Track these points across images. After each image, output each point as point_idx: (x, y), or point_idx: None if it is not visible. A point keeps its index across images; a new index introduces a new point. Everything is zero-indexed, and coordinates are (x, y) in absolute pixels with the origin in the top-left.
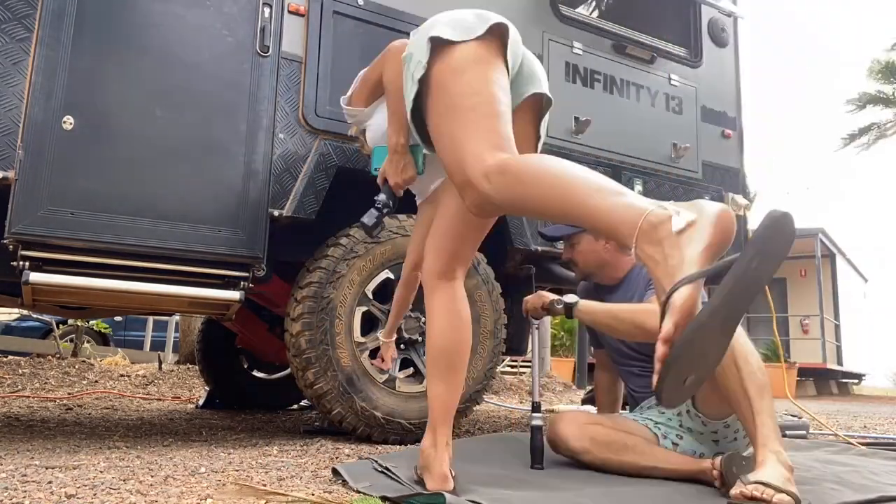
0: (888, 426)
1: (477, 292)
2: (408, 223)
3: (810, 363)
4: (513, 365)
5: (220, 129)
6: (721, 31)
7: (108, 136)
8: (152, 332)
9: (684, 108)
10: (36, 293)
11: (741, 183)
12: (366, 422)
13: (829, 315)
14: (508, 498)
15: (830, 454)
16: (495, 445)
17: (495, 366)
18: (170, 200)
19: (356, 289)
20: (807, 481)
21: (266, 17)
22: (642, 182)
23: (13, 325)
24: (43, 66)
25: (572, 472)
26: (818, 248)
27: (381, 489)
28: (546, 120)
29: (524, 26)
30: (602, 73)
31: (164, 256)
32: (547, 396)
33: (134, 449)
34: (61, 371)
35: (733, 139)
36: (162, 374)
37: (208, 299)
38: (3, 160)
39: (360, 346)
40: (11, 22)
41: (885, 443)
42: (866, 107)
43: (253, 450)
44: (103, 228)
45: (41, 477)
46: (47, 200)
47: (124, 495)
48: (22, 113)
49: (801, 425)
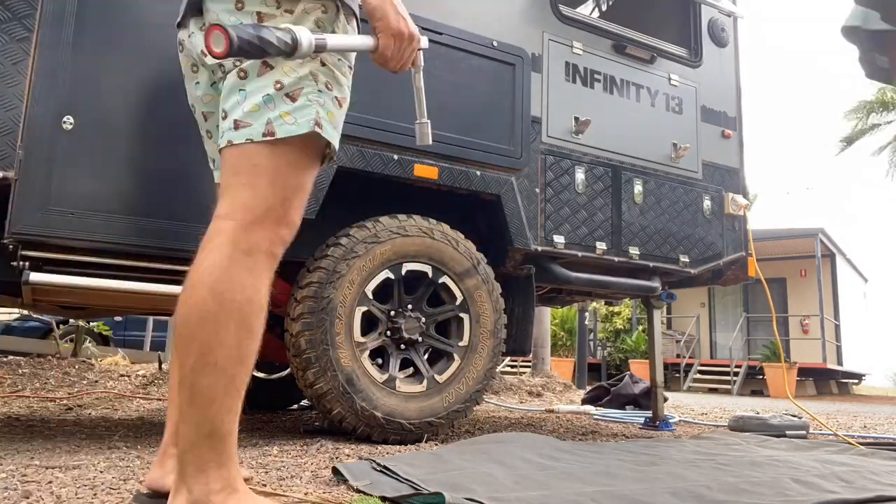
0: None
1: (477, 292)
2: (408, 223)
3: (810, 363)
4: (513, 365)
5: None
6: (721, 31)
7: (108, 136)
8: (152, 332)
9: (684, 108)
10: (36, 293)
11: (741, 183)
12: (366, 422)
13: (829, 315)
14: (508, 498)
15: (830, 454)
16: (495, 445)
17: (495, 366)
18: (169, 200)
19: (356, 289)
20: (807, 481)
21: None
22: (642, 182)
23: (13, 325)
24: (43, 66)
25: (572, 471)
26: (818, 248)
27: (380, 489)
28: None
29: (524, 26)
30: (602, 73)
31: (164, 256)
32: (547, 396)
33: (134, 449)
34: (61, 371)
35: (733, 139)
36: (162, 374)
37: None
38: (3, 160)
39: (360, 346)
40: (11, 22)
41: (885, 443)
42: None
43: (253, 450)
44: (103, 228)
45: (41, 477)
46: (47, 200)
47: (124, 495)
48: (22, 113)
49: (801, 425)
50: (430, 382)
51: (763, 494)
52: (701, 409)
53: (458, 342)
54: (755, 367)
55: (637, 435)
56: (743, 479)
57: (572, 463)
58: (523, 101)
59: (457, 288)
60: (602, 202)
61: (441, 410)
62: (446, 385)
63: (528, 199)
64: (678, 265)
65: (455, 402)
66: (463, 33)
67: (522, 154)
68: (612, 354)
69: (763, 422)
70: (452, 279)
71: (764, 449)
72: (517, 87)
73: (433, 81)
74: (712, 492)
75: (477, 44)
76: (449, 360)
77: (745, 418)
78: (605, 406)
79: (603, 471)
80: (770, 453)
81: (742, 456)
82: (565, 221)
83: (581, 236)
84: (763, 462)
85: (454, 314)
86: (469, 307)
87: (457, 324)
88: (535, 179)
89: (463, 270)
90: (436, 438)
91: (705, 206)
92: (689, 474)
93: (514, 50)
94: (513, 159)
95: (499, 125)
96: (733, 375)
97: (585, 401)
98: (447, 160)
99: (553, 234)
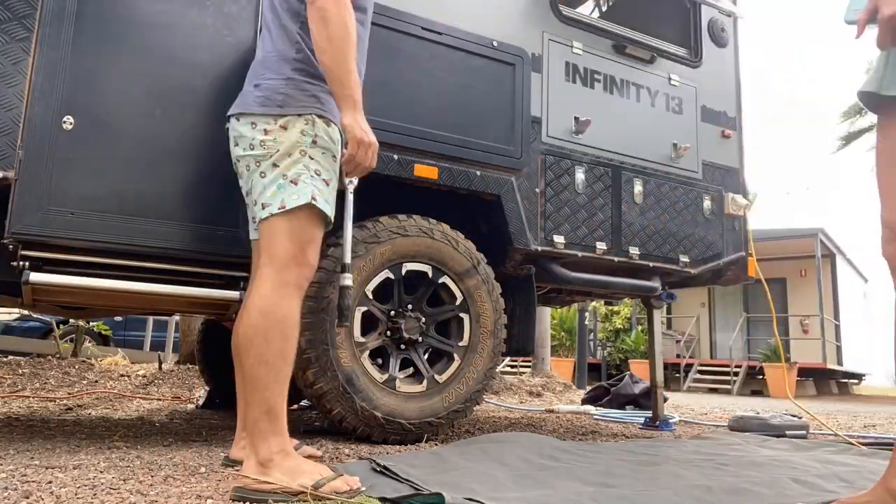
0: (888, 426)
1: (477, 292)
2: (408, 223)
3: (810, 363)
4: (513, 365)
5: (221, 128)
6: (721, 31)
7: (108, 136)
8: (152, 332)
9: (684, 108)
10: (36, 293)
11: (741, 183)
12: (366, 422)
13: (829, 315)
14: (508, 498)
15: (830, 454)
16: (495, 445)
17: (495, 366)
18: (170, 200)
19: (356, 289)
20: (807, 481)
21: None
22: (642, 182)
23: (13, 325)
24: (43, 66)
25: (572, 472)
26: (818, 248)
27: (380, 489)
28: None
29: (524, 26)
30: (602, 73)
31: (163, 256)
32: (547, 396)
33: (134, 449)
34: (61, 371)
35: (733, 139)
36: (162, 374)
37: (208, 299)
38: (3, 160)
39: (360, 346)
40: (11, 22)
41: (885, 443)
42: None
43: None
44: (103, 228)
45: (41, 477)
46: (47, 200)
47: (124, 495)
48: (22, 113)
49: (801, 425)
50: (430, 382)
51: (763, 494)
52: (701, 409)
53: (458, 342)
54: (755, 367)
55: (637, 435)
56: (743, 479)
57: (572, 463)
58: (523, 101)
59: (457, 288)
60: (602, 202)
61: (441, 410)
62: (446, 385)
63: (528, 199)
64: (678, 265)
65: (455, 402)
66: (463, 33)
67: (522, 154)
68: (611, 354)
69: (763, 422)
70: (452, 279)
71: (764, 449)
72: (517, 87)
73: (434, 82)
74: (712, 492)
75: (477, 44)
76: (449, 360)
77: (745, 418)
78: (605, 406)
79: (603, 471)
80: (770, 453)
81: (742, 456)
82: (565, 221)
83: (581, 236)
84: (763, 462)
85: (454, 314)
86: (469, 307)
87: (457, 324)
88: (535, 179)
89: (463, 270)
90: (436, 438)
91: (705, 206)
92: (689, 474)
93: (514, 50)
94: (513, 159)
95: (499, 125)
96: (733, 375)
97: (585, 401)
98: (447, 160)
99: (553, 234)
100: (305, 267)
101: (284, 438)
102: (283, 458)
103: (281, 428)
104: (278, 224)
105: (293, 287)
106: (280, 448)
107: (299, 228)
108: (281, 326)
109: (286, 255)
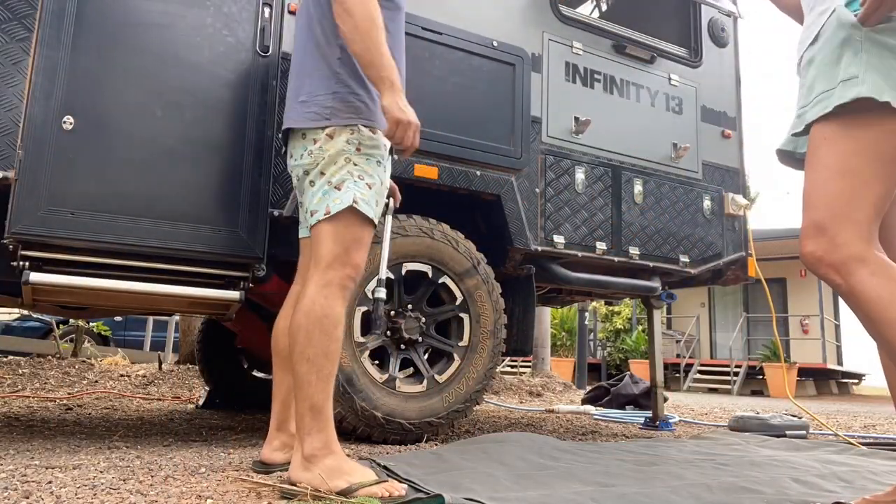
0: (888, 426)
1: (477, 292)
2: (407, 223)
3: (810, 363)
4: (513, 365)
5: (220, 129)
6: (721, 31)
7: (108, 136)
8: (152, 332)
9: (684, 108)
10: (36, 293)
11: (741, 183)
12: (366, 422)
13: (829, 315)
14: (508, 498)
15: (830, 454)
16: (495, 445)
17: (495, 366)
18: (170, 200)
19: (356, 289)
20: (807, 481)
21: (266, 18)
22: (642, 182)
23: (13, 325)
24: (43, 66)
25: (572, 471)
26: None
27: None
28: None
29: (524, 26)
30: (602, 73)
31: (163, 256)
32: (547, 396)
33: (134, 449)
34: (61, 371)
35: (733, 139)
36: (162, 374)
37: (208, 299)
38: (3, 160)
39: (360, 346)
40: (11, 22)
41: (885, 443)
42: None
43: (253, 450)
44: (103, 228)
45: (41, 477)
46: (47, 200)
47: (124, 495)
48: (22, 113)
49: (801, 425)
50: (431, 382)
51: (763, 494)
52: (701, 409)
53: (458, 342)
54: (755, 367)
55: (637, 435)
56: (743, 478)
57: (572, 463)
58: (523, 101)
59: (457, 288)
60: (602, 202)
61: (441, 410)
62: (446, 385)
63: (528, 200)
64: (678, 265)
65: (455, 402)
66: (463, 33)
67: (522, 154)
68: (612, 354)
69: (763, 422)
70: (452, 279)
71: (764, 449)
72: (517, 87)
73: (434, 82)
74: (712, 492)
75: (477, 44)
76: (449, 360)
77: (745, 418)
78: (605, 406)
79: (603, 471)
80: (770, 453)
81: (742, 456)
82: (565, 221)
83: (581, 236)
84: (763, 462)
85: (454, 314)
86: (469, 307)
87: (457, 324)
88: (535, 179)
89: (463, 270)
90: (436, 438)
91: (705, 206)
92: (688, 474)
93: (514, 50)
94: (513, 159)
95: (499, 125)
96: (733, 375)
97: (585, 401)
98: (447, 160)
99: (553, 234)
100: (349, 267)
101: (327, 435)
102: (326, 456)
103: (324, 425)
104: (324, 228)
105: (336, 287)
106: (323, 444)
107: (343, 230)
108: (322, 324)
109: (330, 256)
